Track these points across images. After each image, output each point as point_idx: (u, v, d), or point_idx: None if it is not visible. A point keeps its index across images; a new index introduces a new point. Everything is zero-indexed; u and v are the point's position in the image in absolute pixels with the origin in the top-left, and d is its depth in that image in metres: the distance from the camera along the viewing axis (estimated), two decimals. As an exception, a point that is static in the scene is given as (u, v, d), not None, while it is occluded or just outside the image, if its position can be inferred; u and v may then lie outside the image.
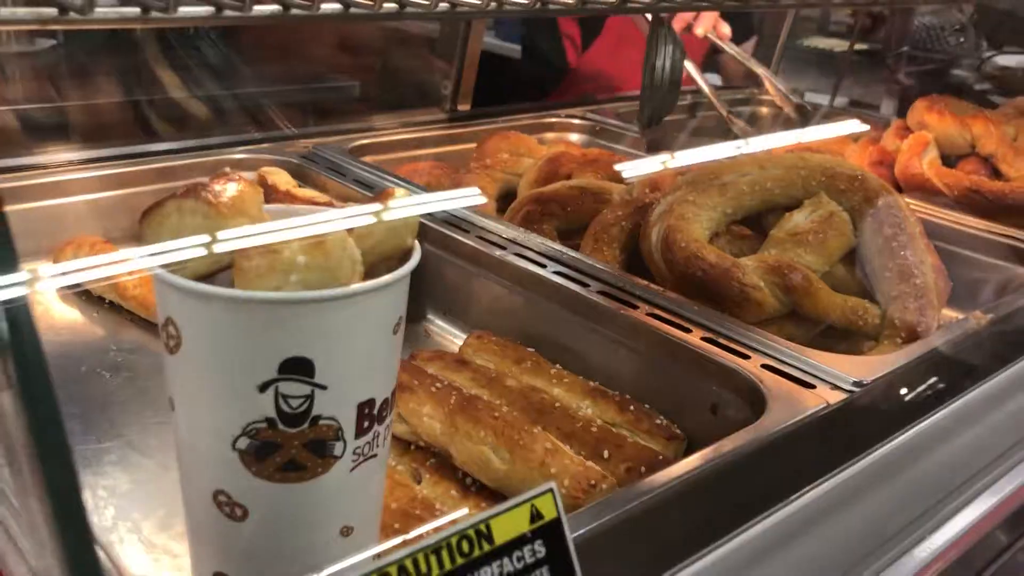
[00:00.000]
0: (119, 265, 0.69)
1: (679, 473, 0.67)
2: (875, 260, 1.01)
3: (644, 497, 0.64)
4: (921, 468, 0.76)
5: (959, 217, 1.26)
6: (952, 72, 3.43)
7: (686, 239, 1.01)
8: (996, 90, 3.02)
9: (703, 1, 0.81)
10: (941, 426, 0.77)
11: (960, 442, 0.79)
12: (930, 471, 0.77)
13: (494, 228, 1.10)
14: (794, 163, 1.06)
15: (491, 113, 1.60)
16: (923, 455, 0.76)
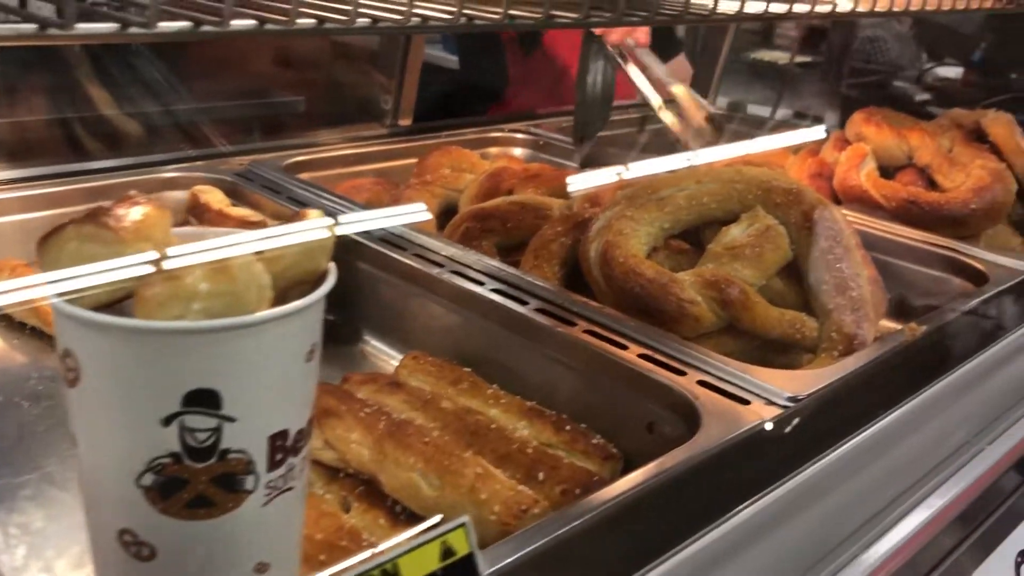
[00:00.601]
0: (36, 289, 0.66)
1: (612, 495, 0.66)
2: (812, 273, 1.01)
3: (576, 521, 0.63)
4: (855, 483, 0.76)
5: (897, 228, 1.27)
6: (893, 83, 3.51)
7: (624, 255, 1.01)
8: (935, 101, 3.09)
9: (633, 16, 0.81)
10: (874, 441, 0.77)
11: (894, 455, 0.79)
12: (864, 486, 0.77)
13: (432, 245, 1.08)
14: (731, 177, 1.06)
15: (433, 128, 1.58)
16: (857, 470, 0.75)
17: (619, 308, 1.00)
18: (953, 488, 0.83)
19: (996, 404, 0.88)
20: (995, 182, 1.30)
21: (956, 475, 0.83)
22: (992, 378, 0.90)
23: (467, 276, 1.01)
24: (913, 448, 0.80)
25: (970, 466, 0.79)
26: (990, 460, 0.79)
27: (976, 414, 0.86)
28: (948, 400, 0.86)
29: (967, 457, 0.78)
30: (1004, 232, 1.35)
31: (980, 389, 0.89)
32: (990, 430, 0.86)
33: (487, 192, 1.26)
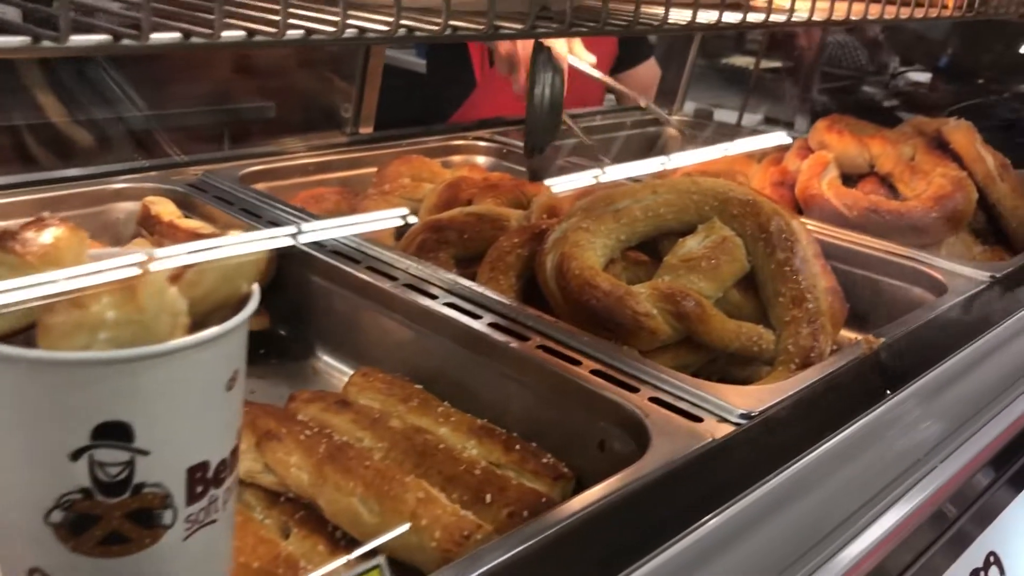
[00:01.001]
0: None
1: (557, 519, 0.64)
2: (768, 285, 1.00)
3: (520, 546, 0.61)
4: (809, 500, 0.74)
5: (858, 238, 1.26)
6: (863, 88, 3.53)
7: (580, 267, 0.99)
8: (903, 106, 3.10)
9: (581, 27, 0.79)
10: (829, 456, 0.76)
11: (850, 470, 0.78)
12: (818, 503, 0.75)
13: (387, 258, 1.06)
14: (687, 188, 1.04)
15: (395, 136, 1.56)
16: (811, 487, 0.74)
17: (575, 321, 0.99)
18: (901, 510, 0.82)
19: (953, 416, 0.87)
20: (956, 190, 1.30)
21: (905, 496, 0.82)
22: (949, 390, 0.89)
23: (421, 290, 0.99)
24: (870, 463, 0.79)
25: (916, 489, 0.78)
26: (939, 481, 0.78)
27: (933, 427, 0.85)
28: (905, 414, 0.85)
29: (918, 477, 0.77)
30: (965, 240, 1.34)
31: (937, 401, 0.88)
32: (948, 443, 0.85)
33: (446, 202, 1.25)
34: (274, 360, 1.04)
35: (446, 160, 1.58)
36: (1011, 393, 0.90)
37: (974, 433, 0.87)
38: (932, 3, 1.27)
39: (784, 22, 1.01)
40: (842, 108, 3.41)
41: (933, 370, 0.90)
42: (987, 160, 1.35)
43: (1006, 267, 1.18)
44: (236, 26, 0.52)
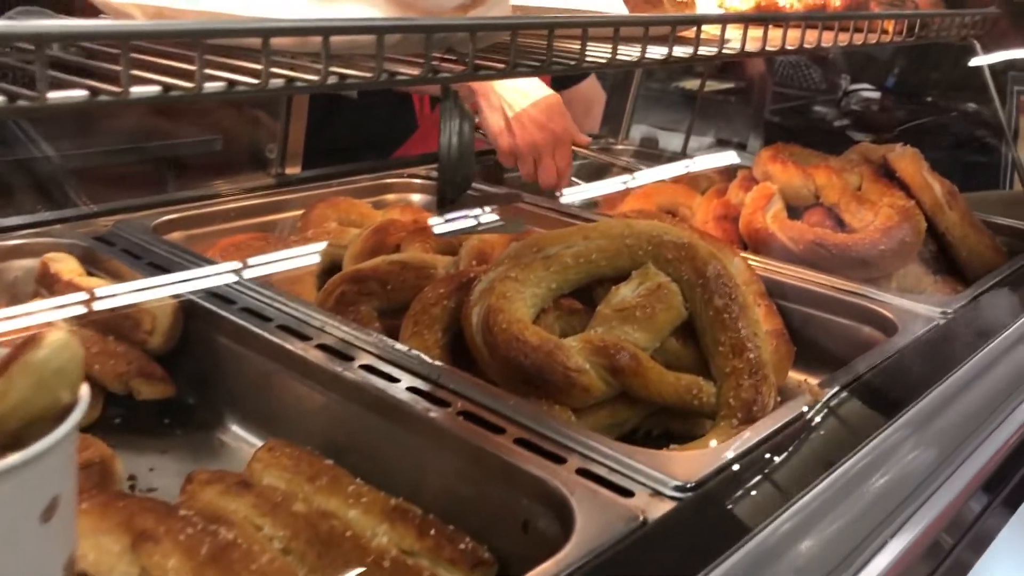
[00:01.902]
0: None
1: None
2: (707, 334, 0.94)
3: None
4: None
5: (805, 273, 1.21)
6: (815, 108, 3.52)
7: (507, 320, 0.92)
8: (855, 126, 3.09)
9: (524, 66, 0.74)
10: (773, 536, 0.69)
11: (799, 551, 0.71)
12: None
13: (301, 315, 0.98)
14: (620, 232, 0.98)
15: (324, 176, 1.49)
16: (753, 570, 0.67)
17: (504, 379, 0.92)
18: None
19: (909, 475, 0.81)
20: (903, 221, 1.26)
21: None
22: (903, 447, 0.83)
23: (336, 351, 0.92)
24: (810, 548, 0.73)
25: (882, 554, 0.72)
26: (900, 546, 0.72)
27: (892, 486, 0.79)
28: (847, 488, 0.78)
29: (876, 548, 0.70)
30: (916, 272, 1.30)
31: (894, 457, 0.82)
32: (906, 506, 0.78)
33: (372, 249, 1.17)
34: (179, 431, 0.96)
35: (379, 200, 1.51)
36: (967, 448, 0.84)
37: (921, 505, 0.81)
38: (871, 28, 1.23)
39: (736, 53, 0.96)
40: (794, 128, 3.40)
41: (884, 430, 0.83)
42: (934, 188, 1.31)
43: (958, 301, 1.13)
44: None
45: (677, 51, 0.87)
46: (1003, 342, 1.01)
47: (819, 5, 1.29)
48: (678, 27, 0.90)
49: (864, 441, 0.81)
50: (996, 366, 0.96)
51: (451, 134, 0.72)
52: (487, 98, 1.53)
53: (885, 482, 0.77)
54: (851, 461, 0.79)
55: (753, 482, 0.75)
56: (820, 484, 0.74)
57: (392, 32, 0.62)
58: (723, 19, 0.92)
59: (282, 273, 1.16)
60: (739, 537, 0.68)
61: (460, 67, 0.69)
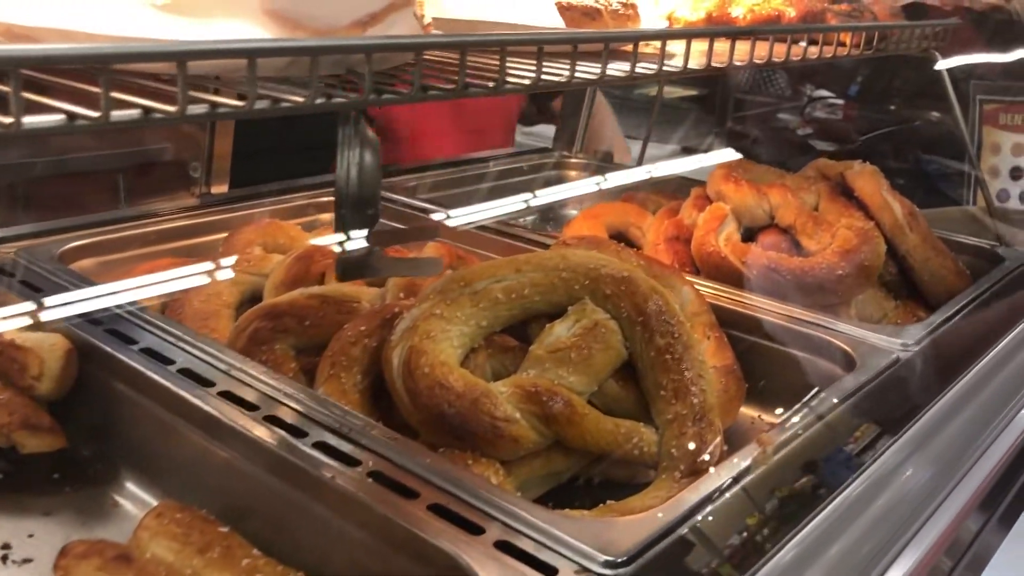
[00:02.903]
0: None
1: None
2: (648, 376, 0.87)
3: None
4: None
5: (760, 301, 1.14)
6: (778, 116, 3.47)
7: (430, 363, 0.84)
8: (818, 135, 3.04)
9: (476, 87, 0.66)
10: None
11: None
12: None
13: (207, 356, 0.90)
14: (555, 265, 0.91)
15: (253, 195, 1.40)
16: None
17: (426, 429, 0.84)
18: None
19: (872, 546, 0.74)
20: (862, 243, 1.19)
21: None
22: (867, 511, 0.75)
23: (240, 399, 0.83)
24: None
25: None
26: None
27: (847, 559, 0.72)
28: (811, 552, 0.71)
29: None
30: (876, 297, 1.24)
31: (851, 526, 0.75)
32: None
33: (294, 278, 1.09)
34: (68, 489, 0.86)
35: (313, 220, 1.42)
36: (930, 505, 0.77)
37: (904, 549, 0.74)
38: (827, 41, 1.16)
39: (679, 71, 0.89)
40: (758, 137, 3.34)
41: (842, 492, 0.76)
42: (894, 208, 1.25)
43: (919, 332, 1.06)
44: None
45: (611, 69, 0.80)
46: (965, 385, 0.94)
47: (773, 17, 1.22)
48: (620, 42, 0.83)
49: (822, 501, 0.74)
50: (960, 410, 0.90)
51: (349, 165, 0.64)
52: None
53: (840, 551, 0.70)
54: (806, 530, 0.71)
55: (692, 554, 0.67)
56: (771, 558, 0.67)
57: (267, 55, 0.54)
58: (661, 35, 0.85)
59: (196, 307, 1.07)
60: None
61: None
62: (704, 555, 0.68)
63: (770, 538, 0.69)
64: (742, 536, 0.70)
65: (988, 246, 1.44)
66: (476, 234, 1.35)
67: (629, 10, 1.00)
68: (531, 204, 1.61)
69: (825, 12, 1.22)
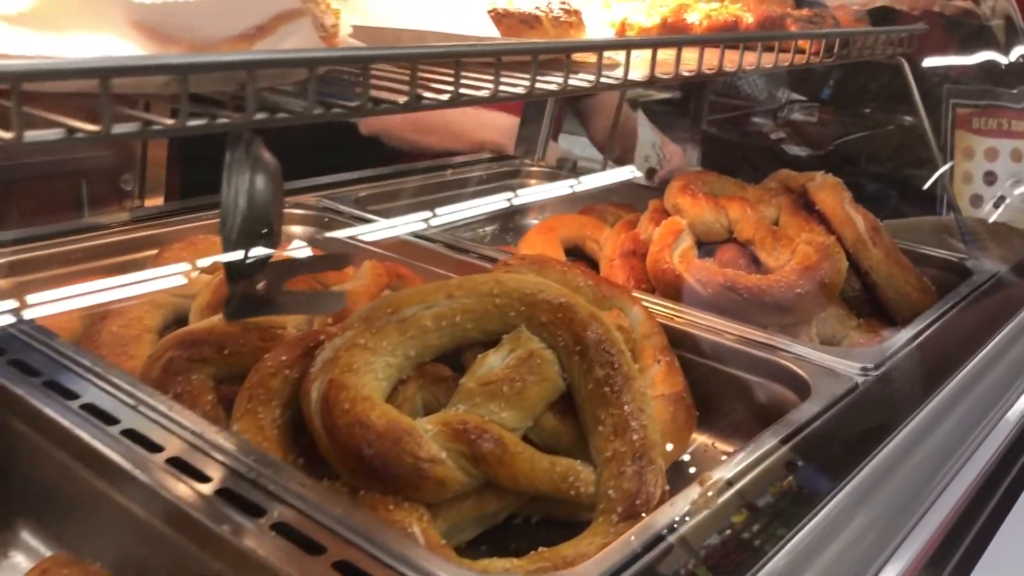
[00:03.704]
0: None
1: None
2: (586, 409, 0.81)
3: None
4: None
5: (713, 321, 1.09)
6: (753, 120, 3.43)
7: (351, 398, 0.78)
8: (790, 139, 3.00)
9: (425, 101, 0.61)
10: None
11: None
12: None
13: (114, 390, 0.83)
14: (488, 290, 0.85)
15: (190, 209, 1.33)
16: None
17: (346, 469, 0.78)
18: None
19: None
20: (822, 260, 1.14)
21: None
22: (815, 562, 0.70)
23: (144, 438, 0.77)
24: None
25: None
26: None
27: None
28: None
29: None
30: (838, 314, 1.18)
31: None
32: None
33: (223, 301, 1.02)
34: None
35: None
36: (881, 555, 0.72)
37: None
38: (784, 48, 1.11)
39: (645, 80, 0.84)
40: (731, 141, 3.30)
41: (786, 543, 0.71)
42: (857, 222, 1.20)
43: (880, 355, 1.01)
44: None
45: (539, 84, 0.74)
46: (925, 418, 0.89)
47: (730, 23, 1.17)
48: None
49: (766, 554, 0.68)
50: (918, 445, 0.85)
51: (237, 193, 0.58)
52: None
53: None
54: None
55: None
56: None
57: (122, 74, 0.48)
58: (593, 46, 0.80)
59: (115, 332, 1.00)
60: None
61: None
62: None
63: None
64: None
65: (956, 259, 1.39)
66: (422, 248, 1.29)
67: (572, 17, 0.94)
68: (481, 214, 1.56)
69: (785, 18, 1.17)
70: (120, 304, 1.04)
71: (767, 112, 3.33)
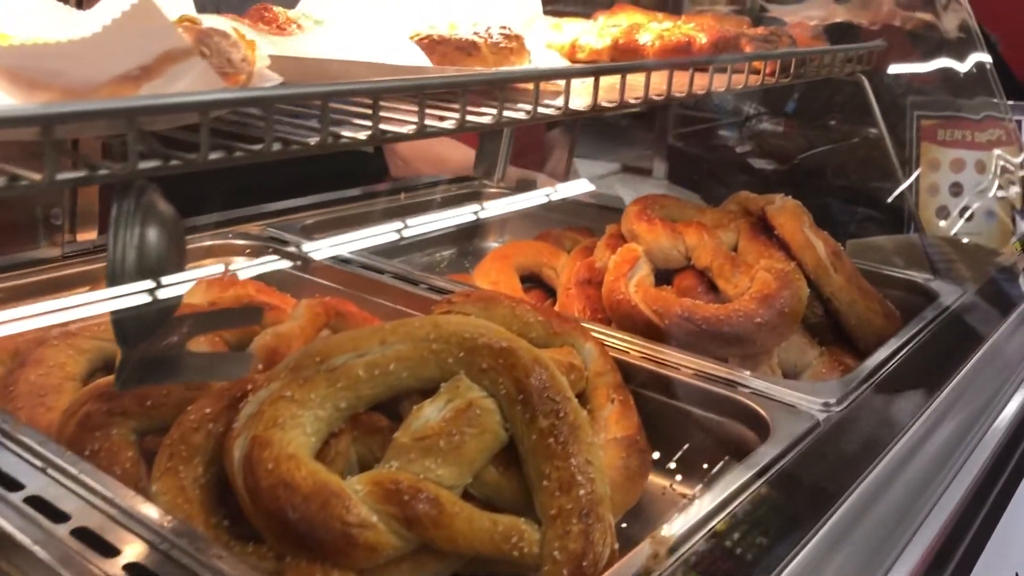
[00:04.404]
0: None
1: None
2: (530, 463, 0.76)
3: None
4: None
5: (669, 353, 1.04)
6: (719, 132, 3.40)
7: (275, 457, 0.73)
8: (756, 153, 2.98)
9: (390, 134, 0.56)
10: None
11: None
12: None
13: (21, 450, 0.77)
14: (425, 335, 0.79)
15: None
16: None
17: (270, 535, 0.73)
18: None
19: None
20: (782, 288, 1.10)
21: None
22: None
23: (50, 506, 0.71)
24: None
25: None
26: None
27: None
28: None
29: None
30: (799, 344, 1.14)
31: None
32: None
33: (150, 344, 0.96)
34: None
35: (196, 265, 1.30)
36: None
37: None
38: (737, 69, 1.07)
39: (615, 106, 0.80)
40: (698, 155, 3.27)
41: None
42: (817, 247, 1.16)
43: (843, 388, 0.97)
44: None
45: (469, 117, 0.69)
46: (891, 460, 0.84)
47: (683, 44, 1.13)
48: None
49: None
50: (884, 492, 0.80)
51: (124, 248, 0.52)
52: None
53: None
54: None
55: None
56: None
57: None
58: (528, 76, 0.75)
59: (33, 381, 0.94)
60: None
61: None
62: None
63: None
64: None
65: (922, 280, 1.36)
66: (370, 280, 1.24)
67: (512, 42, 0.89)
68: (439, 239, 1.51)
69: (739, 38, 1.13)
70: (40, 350, 0.98)
71: (733, 124, 3.30)
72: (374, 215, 1.61)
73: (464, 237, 1.71)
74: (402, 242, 1.60)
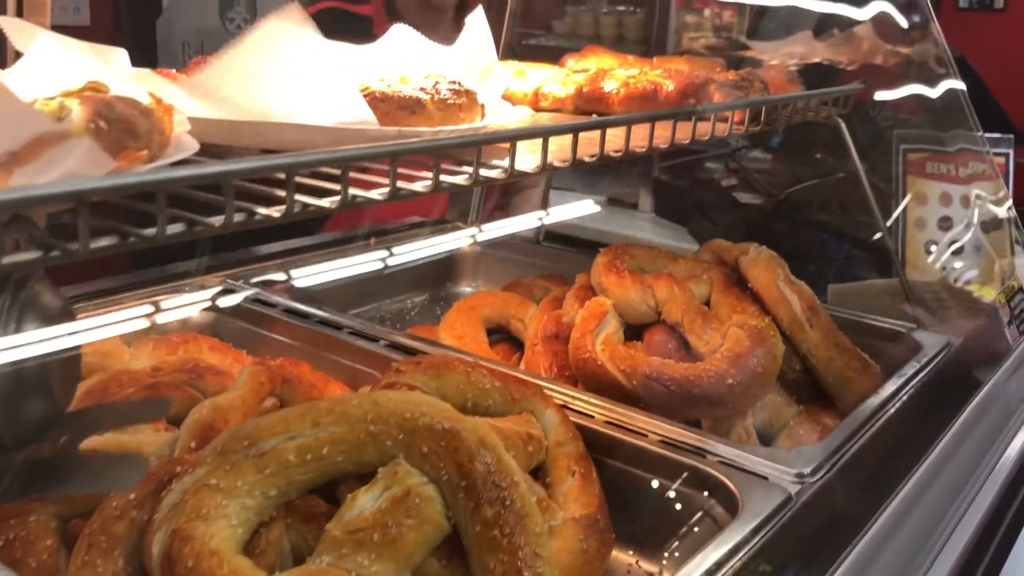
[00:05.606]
0: None
1: None
2: (474, 555, 0.70)
3: None
4: None
5: (636, 417, 0.99)
6: (706, 165, 3.37)
7: (196, 552, 0.67)
8: (742, 187, 2.94)
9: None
10: None
11: None
12: None
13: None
14: (362, 415, 0.74)
15: (76, 296, 1.21)
16: None
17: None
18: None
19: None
20: (755, 345, 1.05)
21: None
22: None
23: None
24: None
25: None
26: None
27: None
28: None
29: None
30: (775, 403, 1.09)
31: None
32: None
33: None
34: None
35: (145, 330, 1.24)
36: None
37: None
38: (702, 118, 1.03)
39: (567, 165, 0.76)
40: (684, 188, 3.22)
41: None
42: (792, 302, 1.11)
43: (818, 456, 0.92)
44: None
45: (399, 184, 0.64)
46: (870, 540, 0.79)
47: (649, 91, 1.08)
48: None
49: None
50: (866, 571, 0.75)
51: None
52: None
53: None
54: None
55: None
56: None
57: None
58: (473, 141, 0.70)
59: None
60: None
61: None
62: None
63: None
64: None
65: (905, 330, 1.31)
66: (327, 336, 1.19)
67: (462, 98, 0.85)
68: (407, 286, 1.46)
69: (708, 84, 1.09)
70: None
71: (720, 157, 3.27)
72: (342, 261, 1.55)
73: (436, 282, 1.66)
74: (371, 289, 1.55)
